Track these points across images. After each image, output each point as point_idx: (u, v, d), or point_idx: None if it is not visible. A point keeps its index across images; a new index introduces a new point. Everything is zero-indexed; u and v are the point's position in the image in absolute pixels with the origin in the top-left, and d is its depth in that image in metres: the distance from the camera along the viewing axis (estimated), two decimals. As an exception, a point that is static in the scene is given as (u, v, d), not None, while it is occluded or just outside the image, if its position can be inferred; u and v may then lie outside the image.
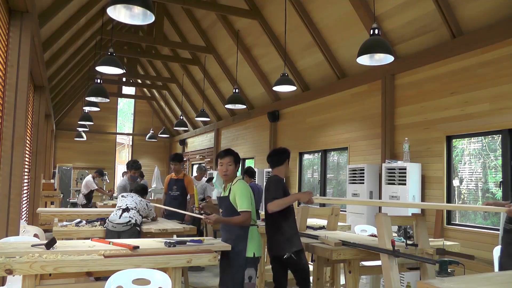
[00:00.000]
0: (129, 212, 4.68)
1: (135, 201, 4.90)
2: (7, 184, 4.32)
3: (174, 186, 6.50)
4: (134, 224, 4.61)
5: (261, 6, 8.64)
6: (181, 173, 6.58)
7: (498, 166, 5.35)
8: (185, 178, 6.53)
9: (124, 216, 4.61)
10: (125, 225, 4.55)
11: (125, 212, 4.68)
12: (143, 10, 3.52)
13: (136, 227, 4.62)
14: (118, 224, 4.54)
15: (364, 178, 6.85)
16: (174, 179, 6.56)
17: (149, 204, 5.13)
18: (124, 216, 4.62)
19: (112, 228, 4.56)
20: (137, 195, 5.05)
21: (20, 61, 4.48)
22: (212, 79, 12.46)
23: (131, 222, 4.58)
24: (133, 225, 4.59)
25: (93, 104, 9.30)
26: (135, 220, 4.63)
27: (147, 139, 15.63)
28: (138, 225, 4.66)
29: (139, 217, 4.75)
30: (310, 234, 4.18)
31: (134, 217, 4.65)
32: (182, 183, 6.49)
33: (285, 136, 10.04)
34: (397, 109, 6.77)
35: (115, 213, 4.69)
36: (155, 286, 2.72)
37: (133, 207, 4.79)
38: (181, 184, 6.48)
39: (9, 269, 2.65)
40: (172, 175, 6.65)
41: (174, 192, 6.48)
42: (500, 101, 5.21)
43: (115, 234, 4.49)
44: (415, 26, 6.13)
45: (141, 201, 4.99)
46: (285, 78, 6.36)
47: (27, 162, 7.15)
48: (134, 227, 4.60)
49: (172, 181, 6.57)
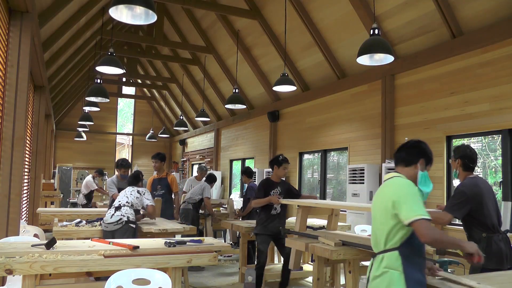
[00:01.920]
0: (120, 210, 4.65)
1: (126, 195, 4.87)
2: (7, 184, 4.32)
3: (158, 186, 6.55)
4: (127, 221, 4.57)
5: (261, 6, 8.63)
6: (163, 172, 6.68)
7: (498, 166, 5.35)
8: (168, 177, 6.62)
9: (116, 215, 4.60)
10: (116, 223, 4.53)
11: (117, 210, 4.66)
12: (145, 10, 3.53)
13: (129, 224, 4.58)
14: (110, 224, 4.55)
15: (364, 178, 6.85)
16: (157, 179, 6.63)
17: (142, 191, 5.01)
18: (116, 215, 4.60)
19: (105, 228, 4.58)
20: (131, 187, 5.00)
21: (20, 61, 4.48)
22: (212, 79, 12.46)
23: (122, 220, 4.55)
24: (125, 222, 4.55)
25: (93, 104, 9.30)
26: (127, 218, 4.59)
27: (147, 139, 15.62)
28: (131, 222, 4.62)
29: (132, 213, 4.69)
30: (310, 234, 4.18)
31: (125, 214, 4.61)
32: (165, 181, 6.58)
33: (285, 136, 10.04)
34: (397, 109, 6.77)
35: (109, 213, 4.69)
36: (155, 286, 2.72)
37: (124, 203, 4.75)
38: (165, 183, 6.56)
39: (9, 269, 2.65)
40: (155, 175, 6.72)
41: (159, 192, 6.51)
42: (500, 101, 5.21)
43: (109, 234, 4.50)
44: (415, 26, 6.13)
45: (132, 193, 4.90)
46: (285, 78, 6.36)
47: (27, 162, 7.15)
48: (127, 225, 4.56)
49: (155, 181, 6.63)
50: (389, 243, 2.25)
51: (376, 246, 2.36)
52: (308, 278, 5.72)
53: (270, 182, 5.03)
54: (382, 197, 2.34)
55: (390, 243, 2.25)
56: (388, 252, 2.26)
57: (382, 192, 2.39)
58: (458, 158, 3.34)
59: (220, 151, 13.85)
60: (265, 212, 4.96)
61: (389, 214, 2.25)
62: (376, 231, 2.36)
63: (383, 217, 2.29)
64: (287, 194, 5.05)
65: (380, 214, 2.31)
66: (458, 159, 3.34)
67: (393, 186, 2.31)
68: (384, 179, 2.46)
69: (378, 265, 2.28)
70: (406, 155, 2.43)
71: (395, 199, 2.22)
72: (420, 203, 2.20)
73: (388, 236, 2.25)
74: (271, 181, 5.04)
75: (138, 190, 4.98)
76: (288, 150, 9.73)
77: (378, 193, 2.42)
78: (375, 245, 2.40)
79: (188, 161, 16.99)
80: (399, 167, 2.45)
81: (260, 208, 5.01)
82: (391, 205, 2.23)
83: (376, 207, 2.38)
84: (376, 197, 2.43)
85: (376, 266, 2.30)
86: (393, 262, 2.22)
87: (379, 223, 2.32)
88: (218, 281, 5.99)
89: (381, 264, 2.26)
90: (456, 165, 3.36)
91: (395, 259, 2.22)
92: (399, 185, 2.29)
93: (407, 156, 2.42)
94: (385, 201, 2.29)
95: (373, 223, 2.44)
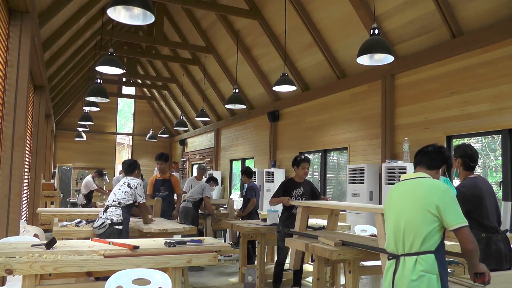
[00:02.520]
0: (106, 212, 4.49)
1: (115, 192, 4.65)
2: (7, 184, 4.32)
3: (161, 187, 6.47)
4: (110, 224, 4.40)
5: (261, 6, 8.63)
6: (166, 173, 6.59)
7: (498, 166, 5.35)
8: (171, 178, 6.56)
9: (101, 218, 4.47)
10: (100, 227, 4.41)
11: (105, 212, 4.50)
12: (143, 11, 3.53)
13: (114, 227, 4.40)
14: (95, 228, 4.47)
15: (364, 178, 6.85)
16: (161, 180, 6.52)
17: (134, 184, 4.63)
18: (101, 218, 4.47)
19: (95, 233, 4.49)
20: (122, 181, 4.72)
21: (20, 61, 4.48)
22: (212, 79, 12.46)
23: (105, 223, 4.41)
24: (108, 226, 4.40)
25: (93, 104, 9.30)
26: (110, 220, 4.42)
27: (147, 139, 15.62)
28: (116, 223, 4.42)
29: (118, 213, 4.47)
30: (310, 234, 4.18)
31: (109, 217, 4.43)
32: (169, 183, 6.51)
33: (285, 136, 10.03)
34: (397, 109, 6.77)
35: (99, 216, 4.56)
36: (155, 286, 2.72)
37: (112, 202, 4.55)
38: (169, 184, 6.50)
39: (9, 269, 2.65)
40: (157, 175, 6.59)
41: (162, 193, 6.43)
42: (500, 101, 5.21)
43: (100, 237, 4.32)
44: (415, 26, 6.13)
45: (121, 188, 4.62)
46: (285, 78, 6.36)
47: (27, 162, 7.15)
48: (111, 227, 4.40)
49: (158, 181, 6.52)
50: (425, 245, 2.27)
51: (403, 246, 2.33)
52: (308, 278, 5.72)
53: (293, 182, 5.08)
54: (418, 198, 2.35)
55: (426, 245, 2.27)
56: (423, 254, 2.26)
57: (414, 191, 2.38)
58: (459, 157, 3.29)
59: (220, 151, 13.85)
60: (287, 211, 5.01)
61: (430, 216, 2.28)
62: (406, 231, 2.33)
63: (422, 218, 2.29)
64: (311, 195, 5.08)
65: (418, 214, 2.31)
66: (458, 159, 3.30)
67: (432, 189, 2.33)
68: (409, 177, 2.48)
69: (413, 268, 2.26)
70: (430, 159, 2.53)
71: (439, 204, 2.27)
72: (460, 210, 2.29)
73: (426, 238, 2.27)
74: (293, 182, 5.09)
75: (129, 184, 4.64)
76: (288, 150, 9.73)
77: (407, 192, 2.41)
78: (398, 245, 2.36)
79: (188, 161, 16.99)
80: (422, 168, 2.53)
81: (284, 208, 5.06)
82: (435, 209, 2.27)
83: (407, 207, 2.36)
84: (405, 196, 2.41)
85: (410, 269, 2.26)
86: (430, 266, 2.24)
87: (416, 223, 2.31)
88: (218, 281, 5.99)
89: (416, 267, 2.26)
90: (457, 164, 3.31)
91: (432, 263, 2.25)
92: (442, 190, 2.32)
93: (430, 160, 2.52)
94: (425, 204, 2.30)
95: (395, 223, 2.40)
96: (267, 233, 5.47)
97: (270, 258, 6.54)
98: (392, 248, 2.42)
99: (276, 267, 5.02)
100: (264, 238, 5.47)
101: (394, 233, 2.41)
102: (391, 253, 2.43)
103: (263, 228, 5.46)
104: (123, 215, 4.52)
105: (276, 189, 5.14)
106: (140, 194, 4.67)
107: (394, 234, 2.40)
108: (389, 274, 2.39)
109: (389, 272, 2.40)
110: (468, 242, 2.25)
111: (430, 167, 2.52)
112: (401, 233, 2.36)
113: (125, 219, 4.56)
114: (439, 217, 2.27)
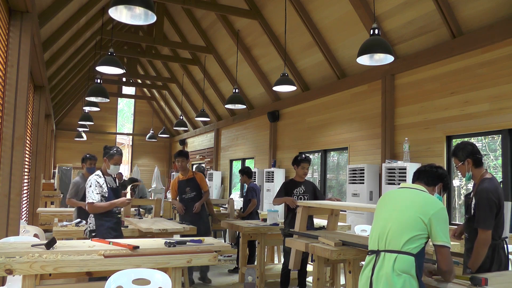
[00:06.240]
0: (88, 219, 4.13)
1: None
2: (7, 184, 4.32)
3: (186, 188, 5.79)
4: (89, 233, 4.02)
5: (261, 6, 8.64)
6: (189, 171, 5.91)
7: (498, 166, 5.35)
8: (196, 176, 5.89)
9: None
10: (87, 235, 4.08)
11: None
12: (144, 11, 3.53)
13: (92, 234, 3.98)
14: None
15: (364, 178, 6.85)
16: (185, 180, 5.83)
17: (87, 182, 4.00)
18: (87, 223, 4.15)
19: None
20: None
21: (20, 61, 4.48)
22: (212, 79, 12.46)
23: (86, 231, 4.14)
24: (88, 234, 4.04)
25: (93, 104, 9.30)
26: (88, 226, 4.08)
27: (147, 139, 15.62)
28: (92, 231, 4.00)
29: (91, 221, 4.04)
30: (310, 234, 4.18)
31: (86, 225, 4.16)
32: (194, 182, 5.84)
33: (285, 136, 10.04)
34: (397, 109, 6.77)
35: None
36: (155, 286, 2.72)
37: None
38: (195, 184, 5.83)
39: (9, 269, 2.65)
40: (179, 176, 5.90)
41: (189, 194, 5.78)
42: (500, 101, 5.21)
43: None
44: (415, 26, 6.13)
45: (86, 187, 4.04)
46: (285, 78, 6.35)
47: (27, 162, 7.15)
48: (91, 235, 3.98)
49: (182, 183, 5.83)
50: (407, 246, 2.34)
51: (385, 243, 2.41)
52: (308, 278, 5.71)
53: (293, 182, 5.12)
54: (415, 205, 2.44)
55: (409, 246, 2.34)
56: (404, 254, 2.34)
57: (413, 198, 2.48)
58: (467, 158, 3.05)
59: (220, 151, 13.85)
60: (291, 212, 4.95)
61: (420, 224, 2.37)
62: (392, 230, 2.41)
63: (413, 223, 2.38)
64: (313, 194, 5.10)
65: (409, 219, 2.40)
66: (467, 160, 3.06)
67: (430, 202, 2.43)
68: (410, 186, 2.60)
69: (392, 265, 2.34)
70: (427, 176, 2.64)
71: (433, 217, 2.36)
72: (448, 231, 2.40)
73: (409, 240, 2.35)
74: (294, 181, 5.13)
75: (89, 180, 4.04)
76: (288, 150, 9.73)
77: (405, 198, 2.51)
78: (381, 242, 2.44)
79: (188, 161, 16.97)
80: (421, 183, 2.63)
81: (288, 209, 5.03)
82: (428, 220, 2.36)
83: (401, 210, 2.45)
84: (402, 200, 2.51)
85: (390, 265, 2.34)
86: (408, 268, 2.32)
87: (405, 225, 2.39)
88: (218, 281, 5.98)
89: (395, 265, 2.33)
90: (468, 166, 3.06)
91: (410, 265, 2.33)
92: (439, 207, 2.42)
93: (427, 178, 2.63)
94: (420, 212, 2.39)
95: (384, 222, 2.48)
96: (267, 233, 5.48)
97: (270, 258, 6.54)
98: (373, 245, 2.50)
99: (283, 269, 4.98)
100: (264, 238, 5.47)
101: (379, 231, 2.49)
102: (371, 249, 2.51)
103: (263, 228, 5.47)
104: (95, 222, 4.02)
105: (278, 190, 5.13)
106: (87, 192, 3.98)
107: (379, 232, 2.48)
108: (367, 269, 2.46)
109: (367, 267, 2.47)
110: (445, 262, 2.36)
111: (428, 184, 2.63)
112: (387, 231, 2.44)
113: (100, 226, 4.00)
114: (428, 228, 2.37)
